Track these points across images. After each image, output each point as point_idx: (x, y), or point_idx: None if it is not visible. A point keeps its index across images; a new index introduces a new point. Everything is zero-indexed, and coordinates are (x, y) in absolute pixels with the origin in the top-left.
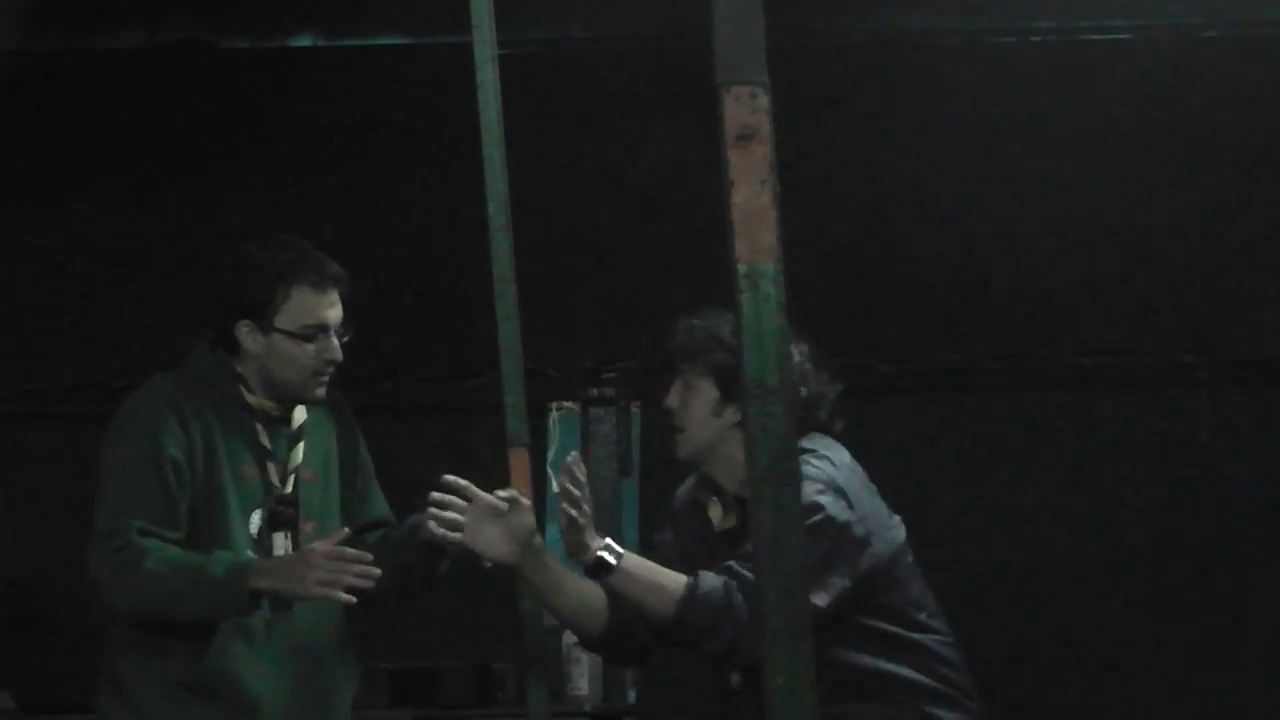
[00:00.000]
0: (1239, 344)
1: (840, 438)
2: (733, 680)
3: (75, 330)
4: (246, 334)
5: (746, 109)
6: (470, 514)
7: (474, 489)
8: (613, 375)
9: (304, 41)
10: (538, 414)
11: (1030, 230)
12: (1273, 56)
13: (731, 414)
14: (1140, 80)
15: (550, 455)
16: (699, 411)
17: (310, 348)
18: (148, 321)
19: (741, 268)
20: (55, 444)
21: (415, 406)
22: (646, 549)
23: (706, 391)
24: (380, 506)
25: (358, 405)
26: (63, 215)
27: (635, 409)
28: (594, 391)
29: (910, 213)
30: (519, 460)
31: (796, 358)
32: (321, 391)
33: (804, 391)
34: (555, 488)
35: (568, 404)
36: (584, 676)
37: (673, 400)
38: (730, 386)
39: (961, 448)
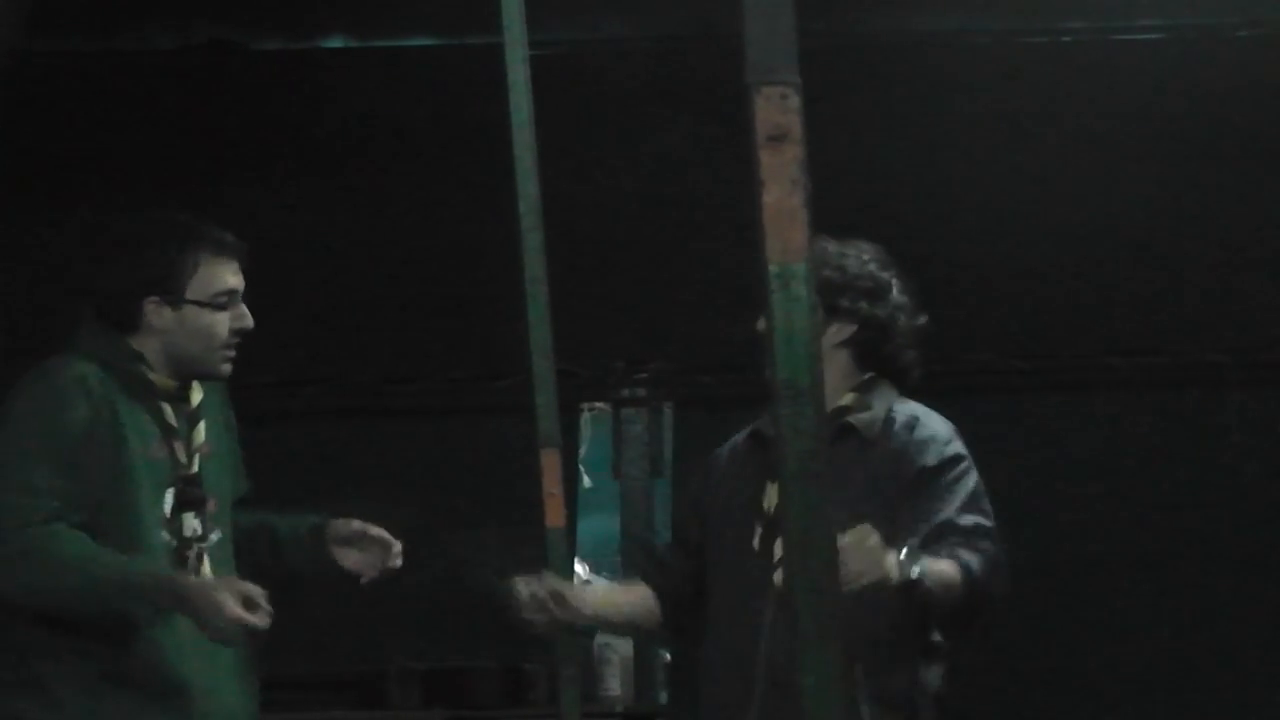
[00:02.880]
0: (1270, 344)
1: (916, 390)
2: None
3: None
4: (153, 310)
5: (777, 109)
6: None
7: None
8: (644, 375)
9: (335, 43)
10: (569, 414)
11: (1061, 229)
12: None
13: (833, 333)
14: (1174, 79)
15: (581, 455)
16: None
17: (224, 316)
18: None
19: (773, 268)
20: None
21: (445, 408)
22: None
23: None
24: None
25: (389, 407)
26: (80, 214)
27: (667, 409)
28: (626, 392)
29: (941, 212)
30: (550, 461)
31: (895, 290)
32: (228, 367)
33: (900, 318)
34: (588, 484)
35: (599, 404)
36: (615, 677)
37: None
38: (830, 305)
39: (989, 448)
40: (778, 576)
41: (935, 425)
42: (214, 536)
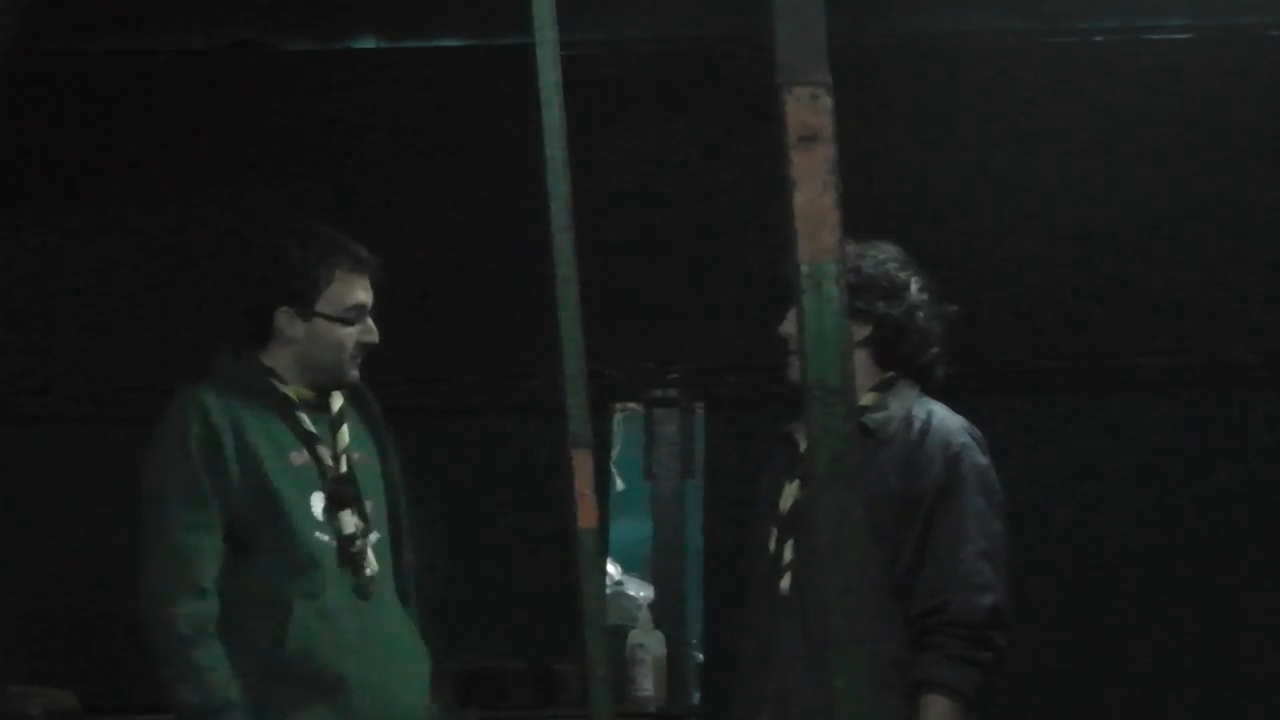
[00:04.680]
0: None
1: (939, 390)
2: None
3: (139, 330)
4: (286, 321)
5: (808, 110)
6: None
7: None
8: (676, 376)
9: (365, 43)
10: (601, 415)
11: (1092, 228)
12: None
13: (852, 335)
14: (1204, 78)
15: (614, 456)
16: None
17: (352, 330)
18: (214, 325)
19: (804, 268)
20: (115, 444)
21: (475, 408)
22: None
23: None
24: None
25: (416, 406)
26: (116, 216)
27: (699, 410)
28: (657, 392)
29: (969, 212)
30: (582, 461)
31: (913, 290)
32: (356, 374)
33: (919, 317)
34: (620, 486)
35: (631, 405)
36: (648, 678)
37: (788, 325)
38: (851, 306)
39: (1017, 449)
40: (785, 581)
41: (947, 434)
42: (373, 536)
